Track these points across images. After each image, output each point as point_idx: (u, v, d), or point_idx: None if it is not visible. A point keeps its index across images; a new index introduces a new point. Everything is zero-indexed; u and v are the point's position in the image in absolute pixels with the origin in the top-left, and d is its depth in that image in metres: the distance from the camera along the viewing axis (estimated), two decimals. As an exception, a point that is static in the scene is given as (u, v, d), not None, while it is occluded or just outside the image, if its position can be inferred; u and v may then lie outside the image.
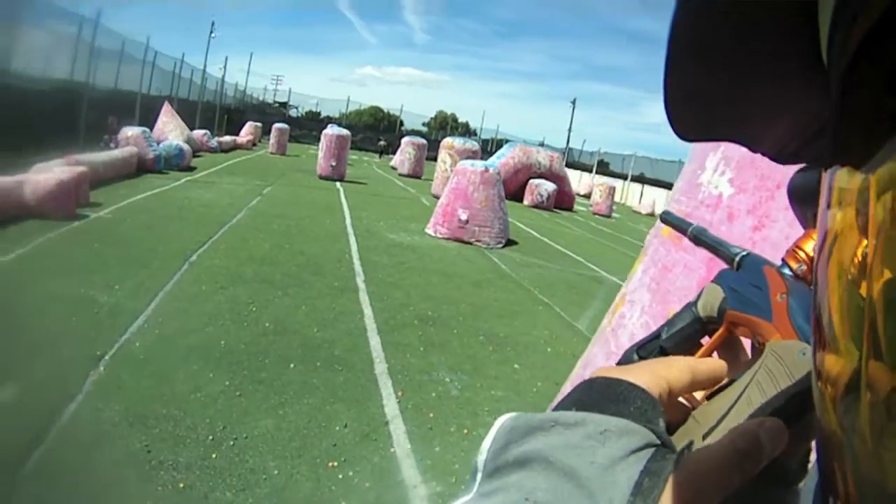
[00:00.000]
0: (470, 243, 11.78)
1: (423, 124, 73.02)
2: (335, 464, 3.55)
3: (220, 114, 41.02)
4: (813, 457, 0.43)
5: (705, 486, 0.38)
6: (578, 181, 39.36)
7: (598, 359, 1.99)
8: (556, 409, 0.45)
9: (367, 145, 49.90)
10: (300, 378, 4.63)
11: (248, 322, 5.65)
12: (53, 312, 5.22)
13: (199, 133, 25.64)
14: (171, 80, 29.93)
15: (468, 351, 5.79)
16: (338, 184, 19.44)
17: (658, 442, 0.41)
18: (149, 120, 21.25)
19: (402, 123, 62.64)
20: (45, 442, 3.37)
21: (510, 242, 12.53)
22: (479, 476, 0.42)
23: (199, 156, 21.90)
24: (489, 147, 46.46)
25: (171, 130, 21.27)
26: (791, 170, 0.56)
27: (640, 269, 2.03)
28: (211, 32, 48.16)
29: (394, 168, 30.84)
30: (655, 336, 0.69)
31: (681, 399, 0.53)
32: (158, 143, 17.28)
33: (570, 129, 56.58)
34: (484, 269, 9.87)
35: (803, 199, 0.63)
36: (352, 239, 10.55)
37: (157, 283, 6.36)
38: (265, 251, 8.58)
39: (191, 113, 31.44)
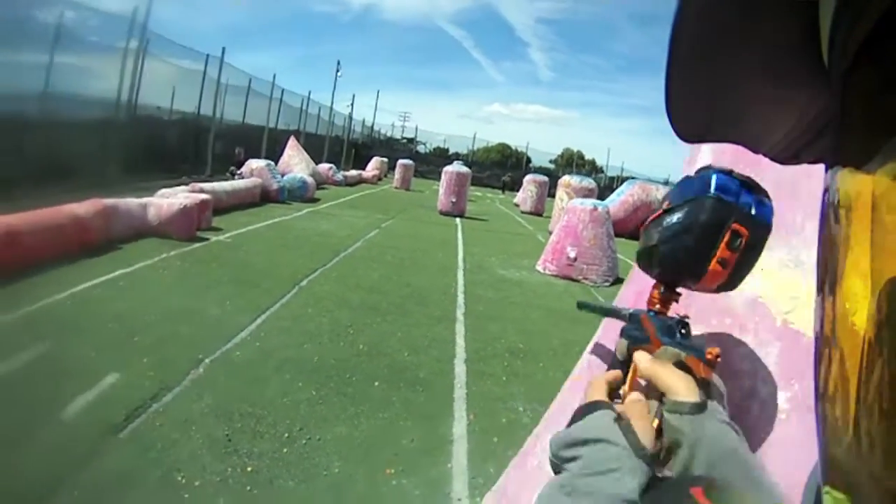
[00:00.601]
0: (577, 281, 11.80)
1: (550, 161, 72.26)
2: (392, 471, 3.87)
3: (347, 148, 42.20)
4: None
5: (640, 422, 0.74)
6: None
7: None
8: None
9: (493, 182, 49.75)
10: (381, 395, 4.99)
11: (344, 343, 6.08)
12: (165, 320, 5.89)
13: (324, 167, 26.73)
14: (298, 116, 31.14)
15: (550, 384, 5.86)
16: (457, 219, 19.78)
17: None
18: (276, 153, 22.37)
19: (528, 160, 62.32)
20: (137, 419, 3.99)
21: (619, 280, 12.33)
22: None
23: (323, 188, 22.85)
24: (614, 185, 45.62)
25: (296, 163, 22.32)
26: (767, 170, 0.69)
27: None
28: (337, 71, 49.87)
29: (517, 205, 30.89)
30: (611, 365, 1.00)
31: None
32: (283, 175, 18.11)
33: (698, 168, 54.66)
34: (586, 306, 9.85)
35: (646, 269, 0.96)
36: (460, 273, 10.85)
37: (265, 303, 6.95)
38: (374, 280, 9.03)
39: (318, 147, 32.65)
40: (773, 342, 0.95)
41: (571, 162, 69.81)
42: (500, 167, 57.21)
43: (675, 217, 0.85)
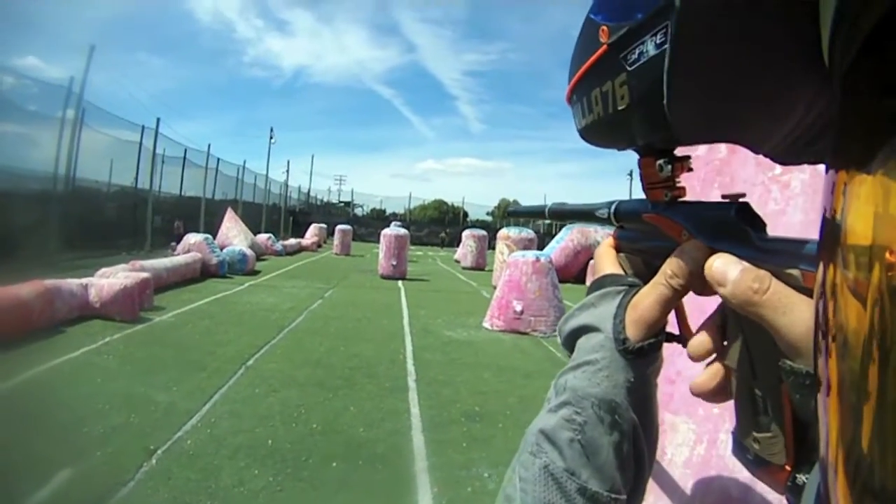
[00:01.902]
0: (526, 334, 11.82)
1: (487, 213, 73.31)
2: (362, 557, 3.71)
3: (285, 216, 42.23)
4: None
5: (646, 301, 0.56)
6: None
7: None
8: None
9: (432, 240, 50.33)
10: (340, 476, 4.82)
11: (296, 423, 5.90)
12: (113, 408, 5.66)
13: (263, 237, 26.55)
14: (234, 185, 31.05)
15: (511, 445, 5.77)
16: (399, 282, 19.76)
17: (625, 286, 0.63)
18: (214, 224, 22.31)
19: (465, 214, 63.15)
20: None
21: (568, 331, 12.45)
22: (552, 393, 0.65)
23: (263, 259, 22.72)
24: (553, 230, 46.37)
25: (234, 235, 22.13)
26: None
27: None
28: (271, 137, 49.93)
29: (457, 261, 31.10)
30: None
31: None
32: (222, 249, 17.97)
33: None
34: (537, 359, 9.87)
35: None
36: (408, 338, 10.74)
37: (212, 386, 6.76)
38: (320, 354, 8.87)
39: (256, 216, 32.65)
40: None
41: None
42: (438, 224, 57.87)
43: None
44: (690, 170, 0.57)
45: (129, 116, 20.10)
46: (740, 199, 0.47)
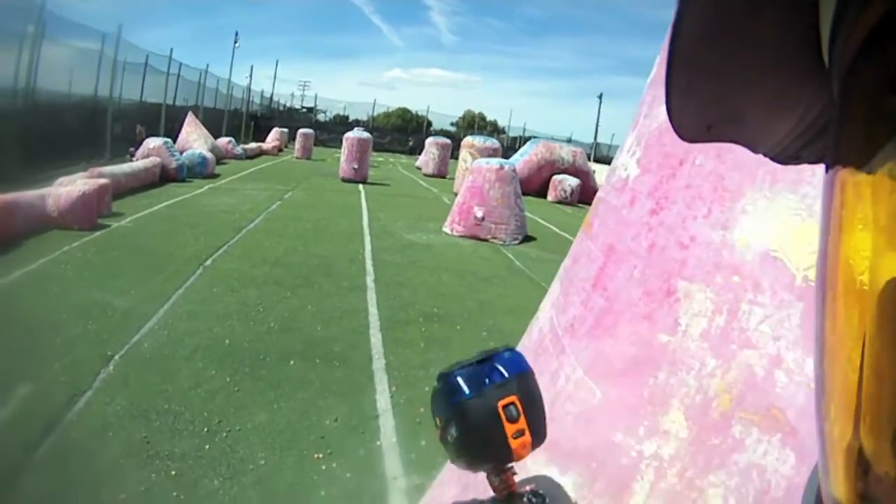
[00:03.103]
0: (486, 240, 11.85)
1: (452, 124, 72.43)
2: (320, 455, 3.72)
3: (247, 121, 41.27)
4: None
5: None
6: (605, 176, 38.89)
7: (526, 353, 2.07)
8: None
9: (395, 147, 49.86)
10: (298, 374, 4.81)
11: (254, 322, 5.85)
12: (71, 318, 5.48)
13: (223, 141, 25.84)
14: (196, 91, 30.25)
15: (469, 345, 5.84)
16: (360, 186, 19.55)
17: None
18: (175, 130, 21.65)
19: (429, 124, 62.41)
20: (54, 433, 3.66)
21: (528, 238, 12.57)
22: None
23: (224, 163, 22.15)
24: (517, 145, 46.13)
25: (195, 140, 21.55)
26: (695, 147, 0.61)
27: (565, 260, 2.07)
28: (235, 42, 48.33)
29: (419, 168, 30.78)
30: None
31: None
32: (182, 153, 17.54)
33: (597, 125, 56.01)
34: (496, 265, 9.94)
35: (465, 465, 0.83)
36: (367, 240, 10.70)
37: (170, 288, 6.62)
38: (279, 254, 8.77)
39: (217, 122, 31.66)
40: (795, 303, 0.84)
41: (473, 124, 69.78)
42: (402, 132, 57.08)
43: (452, 432, 0.81)
44: None
45: (93, 24, 19.03)
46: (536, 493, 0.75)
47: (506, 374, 0.81)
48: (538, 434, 0.81)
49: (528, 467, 1.62)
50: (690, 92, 0.34)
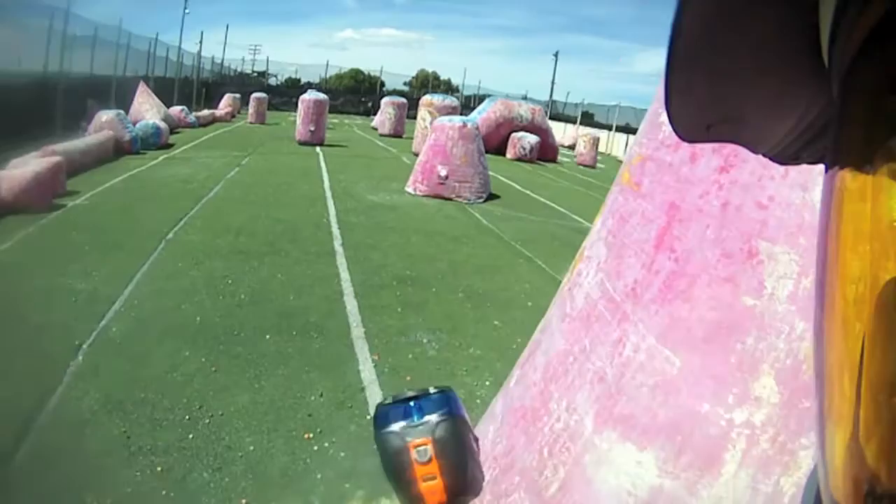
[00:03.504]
0: (450, 199, 11.74)
1: (405, 84, 72.12)
2: (310, 435, 3.57)
3: (198, 88, 40.47)
4: None
5: None
6: (563, 133, 38.87)
7: (554, 321, 1.92)
8: None
9: (348, 108, 49.42)
10: (275, 349, 4.63)
11: (223, 295, 5.63)
12: (33, 305, 5.15)
13: (176, 109, 25.15)
14: (146, 61, 29.59)
15: (446, 309, 5.78)
16: (317, 148, 19.17)
17: None
18: (127, 102, 21.03)
19: (382, 84, 61.84)
20: (27, 439, 3.37)
21: (492, 197, 12.49)
22: None
23: (177, 132, 21.59)
24: (472, 103, 45.93)
25: (147, 110, 20.88)
26: None
27: (599, 221, 1.94)
28: (185, 9, 47.26)
29: (375, 129, 30.40)
30: None
31: None
32: (135, 124, 17.03)
33: (553, 83, 56.01)
34: (464, 224, 9.85)
35: None
36: (330, 203, 10.49)
37: (133, 266, 6.29)
38: (242, 222, 8.50)
39: (168, 90, 31.02)
40: None
41: (427, 83, 69.50)
42: (355, 93, 56.68)
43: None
44: None
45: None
46: None
47: (425, 416, 0.80)
48: (455, 483, 0.78)
49: (598, 446, 1.50)
50: (690, 92, 0.33)
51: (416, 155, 14.87)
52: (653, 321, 1.42)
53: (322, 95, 21.08)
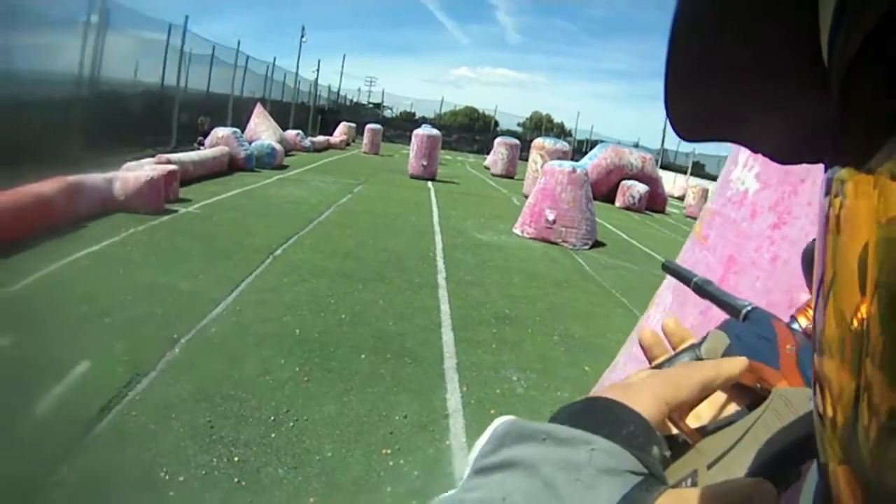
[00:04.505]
0: (556, 244, 11.67)
1: (518, 125, 72.22)
2: (388, 451, 3.63)
3: (314, 115, 41.74)
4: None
5: None
6: (672, 183, 38.06)
7: (621, 362, 1.96)
8: (552, 421, 0.44)
9: (461, 146, 49.98)
10: (369, 368, 4.74)
11: (325, 313, 5.81)
12: (136, 299, 5.50)
13: (291, 133, 26.07)
14: (263, 83, 30.71)
15: (540, 350, 5.75)
16: (429, 183, 19.50)
17: (645, 471, 0.40)
18: (242, 122, 21.91)
19: (496, 124, 62.20)
20: (112, 412, 3.67)
21: (597, 244, 12.34)
22: (468, 472, 0.43)
23: (291, 155, 22.42)
24: (584, 148, 45.68)
25: (263, 131, 21.72)
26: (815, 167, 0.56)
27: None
28: (302, 36, 49.23)
29: (487, 168, 30.64)
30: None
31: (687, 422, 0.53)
32: (250, 143, 17.69)
33: (664, 131, 54.96)
34: (567, 269, 9.76)
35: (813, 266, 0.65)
36: (437, 237, 10.63)
37: (239, 275, 6.62)
38: (350, 247, 8.75)
39: (284, 114, 32.15)
40: None
41: (540, 125, 69.45)
42: (468, 131, 57.26)
43: None
44: None
45: (158, 14, 19.45)
46: None
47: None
48: None
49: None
50: (690, 92, 0.34)
51: (526, 197, 14.88)
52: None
53: (435, 131, 21.45)
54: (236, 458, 3.36)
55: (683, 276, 0.90)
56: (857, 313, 0.20)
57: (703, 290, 0.82)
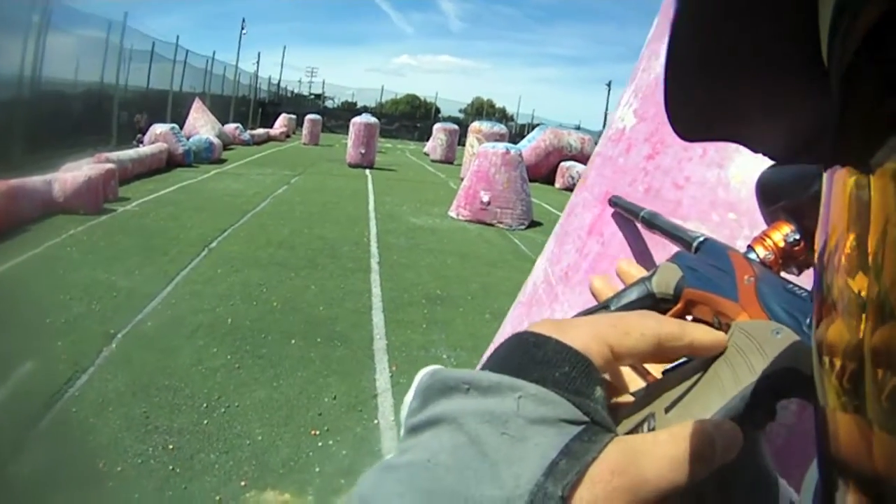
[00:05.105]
0: (492, 225, 11.82)
1: (460, 111, 72.28)
2: (317, 432, 3.73)
3: (254, 107, 41.15)
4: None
5: (640, 483, 0.34)
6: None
7: (509, 311, 2.05)
8: (484, 366, 0.39)
9: (402, 134, 49.83)
10: (299, 353, 4.82)
11: (257, 301, 5.86)
12: (75, 298, 5.50)
13: (230, 127, 25.79)
14: (203, 78, 30.19)
15: (471, 328, 5.86)
16: (367, 171, 19.45)
17: (585, 418, 0.35)
18: (182, 117, 21.61)
19: (437, 111, 62.10)
20: (54, 408, 3.71)
21: (534, 224, 12.52)
22: (402, 433, 0.40)
23: (230, 149, 22.23)
24: (525, 131, 45.90)
25: (201, 125, 21.51)
26: None
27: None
28: (242, 29, 48.38)
29: (426, 154, 30.63)
30: (603, 307, 0.63)
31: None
32: (188, 138, 17.51)
33: (606, 112, 55.72)
34: (502, 249, 9.92)
35: (770, 195, 0.65)
36: (372, 223, 10.67)
37: (175, 268, 6.64)
38: (284, 236, 8.77)
39: (224, 108, 31.67)
40: None
41: (481, 111, 69.69)
42: (410, 119, 56.97)
43: None
44: None
45: (98, 11, 19.00)
46: None
47: None
48: None
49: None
50: (690, 91, 0.34)
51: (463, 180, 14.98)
52: (578, 300, 1.52)
53: (373, 119, 21.37)
54: (171, 447, 3.43)
55: (631, 211, 0.94)
56: (858, 312, 0.20)
57: (651, 222, 0.85)
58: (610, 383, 0.44)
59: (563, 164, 22.52)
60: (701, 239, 0.66)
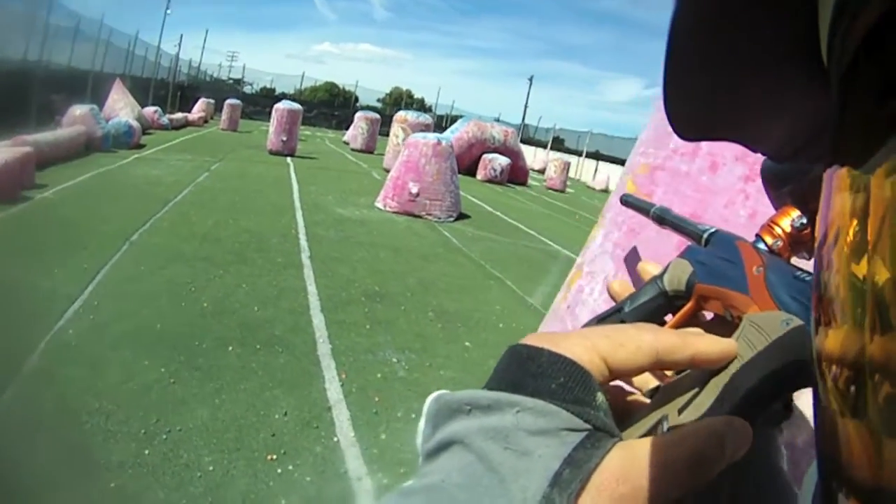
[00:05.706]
0: (420, 217, 11.63)
1: (378, 100, 72.38)
2: (274, 457, 3.36)
3: (174, 91, 40.24)
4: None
5: (645, 488, 0.34)
6: (533, 157, 39.14)
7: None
8: (486, 385, 0.40)
9: (321, 121, 49.55)
10: (238, 362, 4.42)
11: (185, 303, 5.41)
12: None
13: (149, 110, 24.95)
14: (125, 58, 29.29)
15: (416, 328, 5.63)
16: (288, 159, 18.99)
17: (586, 426, 0.36)
18: (101, 99, 20.74)
19: (357, 99, 61.90)
20: None
21: (462, 216, 12.42)
22: (420, 461, 0.40)
23: (149, 133, 21.38)
24: (444, 122, 46.14)
25: (121, 108, 20.66)
26: None
27: (601, 234, 1.82)
28: (167, 9, 46.80)
29: (346, 143, 30.33)
30: (617, 310, 0.65)
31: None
32: (108, 121, 16.79)
33: (525, 106, 56.42)
34: (433, 242, 9.74)
35: (776, 180, 0.65)
36: (298, 214, 10.32)
37: (95, 265, 6.05)
38: (208, 228, 8.30)
39: (144, 90, 31.02)
40: None
41: (400, 101, 69.67)
42: (329, 106, 56.77)
43: None
44: None
45: None
46: None
47: None
48: None
49: None
50: (690, 92, 0.34)
51: (387, 171, 14.74)
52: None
53: (296, 105, 20.92)
54: (112, 485, 2.97)
55: (642, 208, 0.90)
56: (858, 312, 0.20)
57: (662, 218, 0.82)
58: (622, 388, 0.48)
59: (485, 156, 22.70)
60: (711, 231, 0.67)
